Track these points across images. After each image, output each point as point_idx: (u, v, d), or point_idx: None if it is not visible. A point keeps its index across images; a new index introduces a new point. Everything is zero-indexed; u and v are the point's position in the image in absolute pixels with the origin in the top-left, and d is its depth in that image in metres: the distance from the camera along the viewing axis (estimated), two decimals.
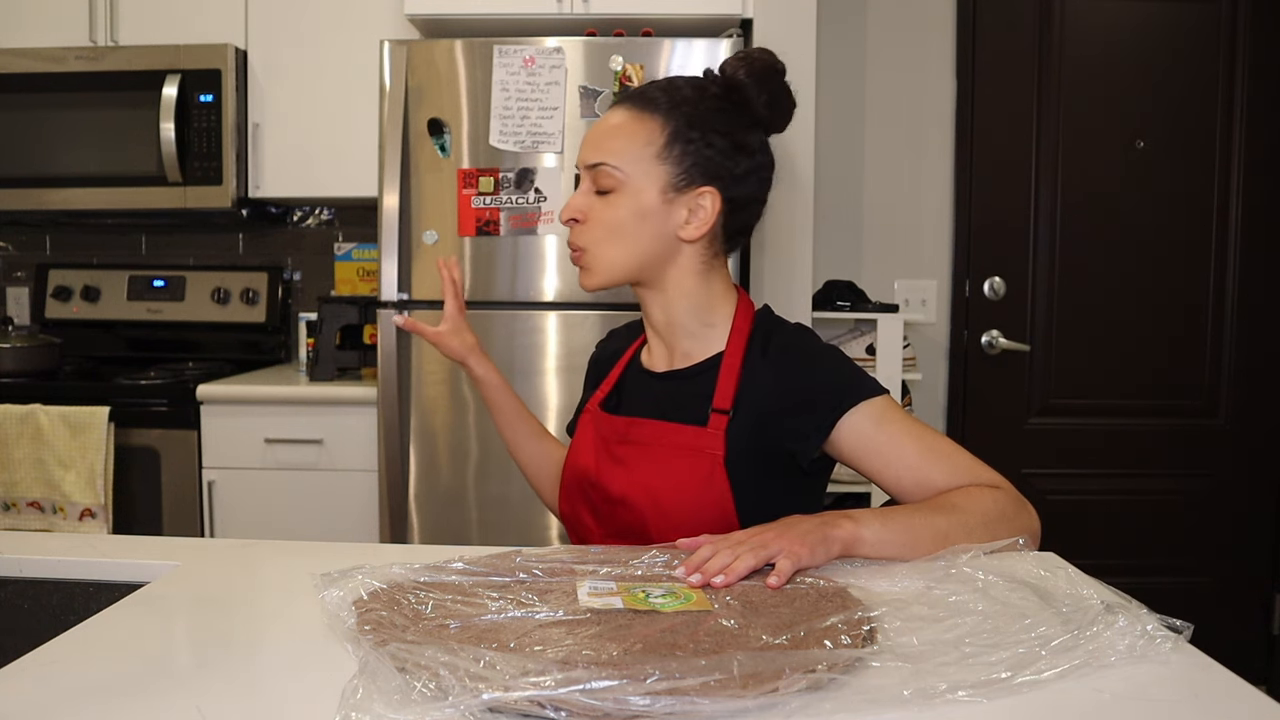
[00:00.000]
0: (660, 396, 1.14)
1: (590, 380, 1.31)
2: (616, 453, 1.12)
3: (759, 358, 1.10)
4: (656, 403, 1.14)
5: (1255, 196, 2.70)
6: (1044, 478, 2.76)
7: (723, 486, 1.06)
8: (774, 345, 1.11)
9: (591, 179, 1.10)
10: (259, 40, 2.55)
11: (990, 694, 0.66)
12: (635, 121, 1.09)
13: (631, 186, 1.08)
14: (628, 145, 1.08)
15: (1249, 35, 2.66)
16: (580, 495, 1.17)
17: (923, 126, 2.77)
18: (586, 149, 1.11)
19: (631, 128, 1.09)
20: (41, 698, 0.66)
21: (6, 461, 2.24)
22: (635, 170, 1.08)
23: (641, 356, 1.22)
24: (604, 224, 1.10)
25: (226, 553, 1.03)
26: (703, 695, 0.62)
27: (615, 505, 1.12)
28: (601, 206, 1.09)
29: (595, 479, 1.14)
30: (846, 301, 2.54)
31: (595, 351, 1.34)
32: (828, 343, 1.13)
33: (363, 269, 2.80)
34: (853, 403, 1.05)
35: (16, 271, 2.98)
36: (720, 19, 2.32)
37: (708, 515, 1.06)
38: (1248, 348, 2.73)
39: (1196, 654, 0.75)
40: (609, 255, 1.10)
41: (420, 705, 0.61)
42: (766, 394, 1.08)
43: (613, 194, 1.09)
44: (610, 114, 1.12)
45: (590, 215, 1.10)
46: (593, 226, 1.10)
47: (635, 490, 1.09)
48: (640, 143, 1.08)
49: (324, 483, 2.33)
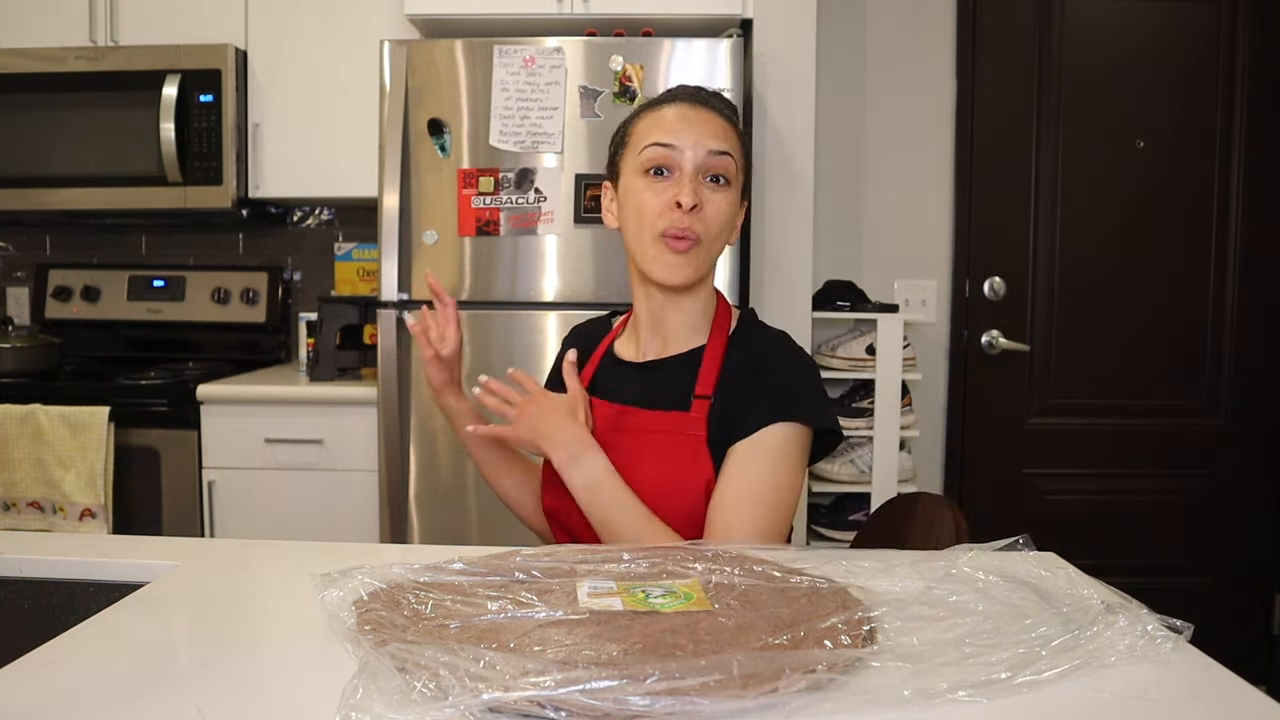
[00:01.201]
0: (642, 385, 1.18)
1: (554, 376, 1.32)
2: (605, 439, 1.14)
3: (737, 350, 1.17)
4: (638, 391, 1.18)
5: (1255, 196, 2.70)
6: (1044, 478, 2.77)
7: (706, 466, 1.11)
8: (754, 341, 1.18)
9: (705, 166, 1.11)
10: (259, 40, 2.55)
11: (990, 694, 0.66)
12: (729, 125, 1.15)
13: (735, 184, 1.14)
14: (737, 147, 1.14)
15: (1249, 35, 2.66)
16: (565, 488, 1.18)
17: (923, 126, 2.77)
18: (704, 136, 1.11)
19: (731, 131, 1.15)
20: (41, 698, 0.66)
21: (6, 461, 2.24)
22: (738, 173, 1.14)
23: (616, 349, 1.25)
24: (720, 215, 1.12)
25: (226, 553, 1.03)
26: (703, 695, 0.62)
27: None
28: (718, 197, 1.12)
29: None
30: (846, 301, 2.54)
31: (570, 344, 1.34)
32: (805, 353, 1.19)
33: (363, 269, 2.81)
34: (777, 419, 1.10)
35: (16, 271, 2.98)
36: (720, 19, 2.32)
37: (694, 493, 1.11)
38: (1248, 348, 2.73)
39: (1196, 654, 0.75)
40: (715, 249, 1.15)
41: (420, 705, 0.61)
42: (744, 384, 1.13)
43: (728, 187, 1.13)
44: (704, 111, 1.14)
45: (706, 204, 1.11)
46: (709, 216, 1.11)
47: (625, 474, 1.12)
48: (737, 147, 1.15)
49: (324, 483, 2.33)
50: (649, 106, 1.18)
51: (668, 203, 1.10)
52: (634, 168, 1.15)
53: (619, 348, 1.26)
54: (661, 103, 1.16)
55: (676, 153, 1.10)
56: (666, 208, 1.10)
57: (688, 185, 1.09)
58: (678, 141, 1.10)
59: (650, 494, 1.10)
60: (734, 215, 1.15)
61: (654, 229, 1.12)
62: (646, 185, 1.12)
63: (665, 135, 1.11)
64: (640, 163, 1.13)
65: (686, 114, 1.13)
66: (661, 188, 1.11)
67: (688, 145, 1.10)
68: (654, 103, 1.17)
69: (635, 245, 1.15)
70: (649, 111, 1.17)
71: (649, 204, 1.12)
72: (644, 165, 1.12)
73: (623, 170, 1.17)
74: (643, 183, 1.13)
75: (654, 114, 1.15)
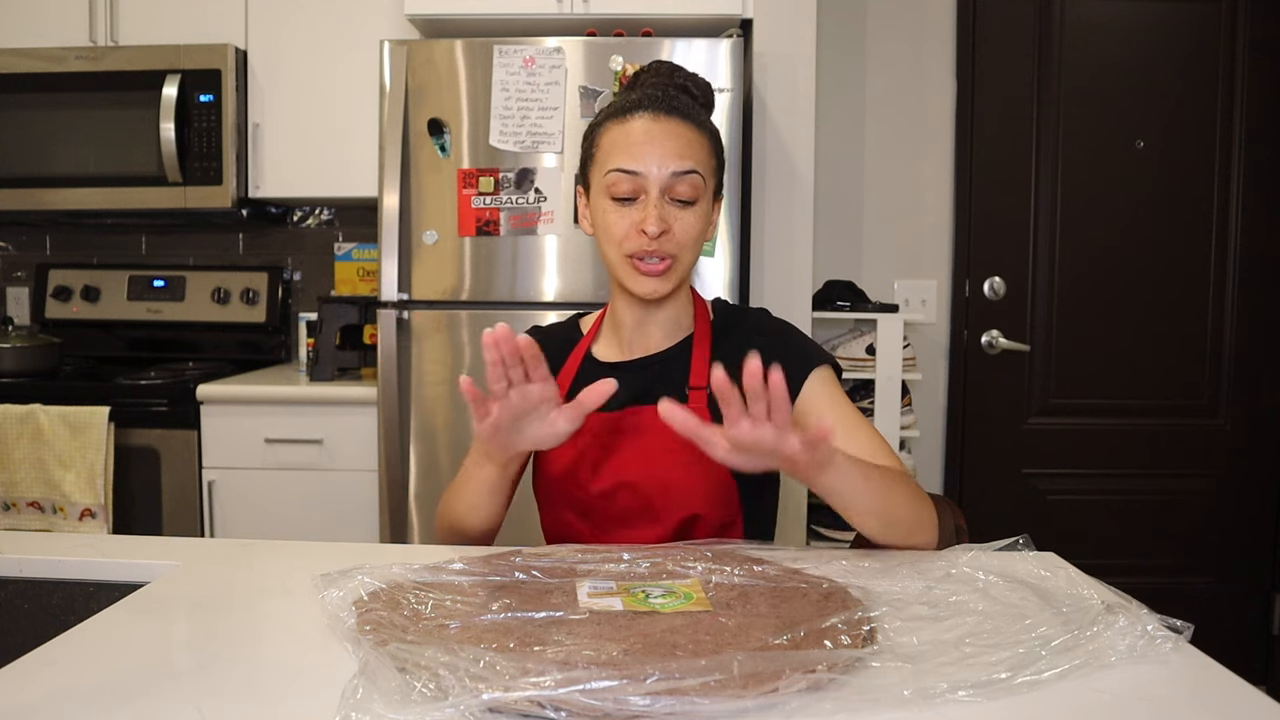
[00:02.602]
0: (634, 383, 1.15)
1: None
2: (606, 444, 1.13)
3: (725, 336, 1.18)
4: (632, 389, 1.15)
5: (1255, 196, 2.70)
6: (1044, 478, 2.77)
7: None
8: (737, 323, 1.21)
9: (669, 187, 1.10)
10: (259, 40, 2.55)
11: (990, 694, 0.66)
12: (696, 132, 1.13)
13: (705, 196, 1.13)
14: (704, 157, 1.13)
15: (1249, 35, 2.66)
16: (563, 500, 1.17)
17: (923, 126, 2.77)
18: (667, 157, 1.09)
19: (698, 139, 1.13)
20: (41, 698, 0.66)
21: (6, 461, 2.24)
22: (708, 181, 1.13)
23: (595, 351, 1.23)
24: (689, 230, 1.12)
25: (226, 553, 1.03)
26: (703, 695, 0.62)
27: (610, 496, 1.13)
28: (685, 214, 1.11)
29: (580, 478, 1.14)
30: (846, 301, 2.54)
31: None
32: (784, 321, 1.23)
33: (363, 269, 2.81)
34: (814, 365, 1.14)
35: (16, 271, 2.98)
36: (720, 19, 2.32)
37: (708, 483, 1.11)
38: (1248, 348, 2.73)
39: (1196, 654, 0.75)
40: (689, 260, 1.15)
41: (420, 705, 0.61)
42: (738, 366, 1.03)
43: (697, 203, 1.12)
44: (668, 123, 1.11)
45: (674, 224, 1.10)
46: (678, 234, 1.11)
47: (634, 474, 1.11)
48: (706, 153, 1.13)
49: (324, 483, 2.33)
50: (615, 115, 1.14)
51: (634, 226, 1.10)
52: (600, 187, 1.13)
53: (598, 350, 1.24)
54: (627, 112, 1.13)
55: (640, 179, 1.09)
56: (633, 231, 1.10)
57: (653, 212, 1.08)
58: (641, 168, 1.09)
59: (670, 487, 1.10)
60: (706, 223, 1.14)
61: (623, 250, 1.12)
62: (613, 209, 1.12)
63: (628, 160, 1.10)
64: (605, 185, 1.12)
65: (651, 129, 1.10)
66: (627, 212, 1.11)
67: (651, 168, 1.09)
68: (620, 110, 1.14)
69: (608, 260, 1.16)
70: (615, 123, 1.13)
71: (616, 227, 1.11)
72: (609, 190, 1.11)
73: (592, 183, 1.16)
74: (609, 205, 1.12)
75: (620, 126, 1.12)
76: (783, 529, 1.53)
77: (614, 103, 1.16)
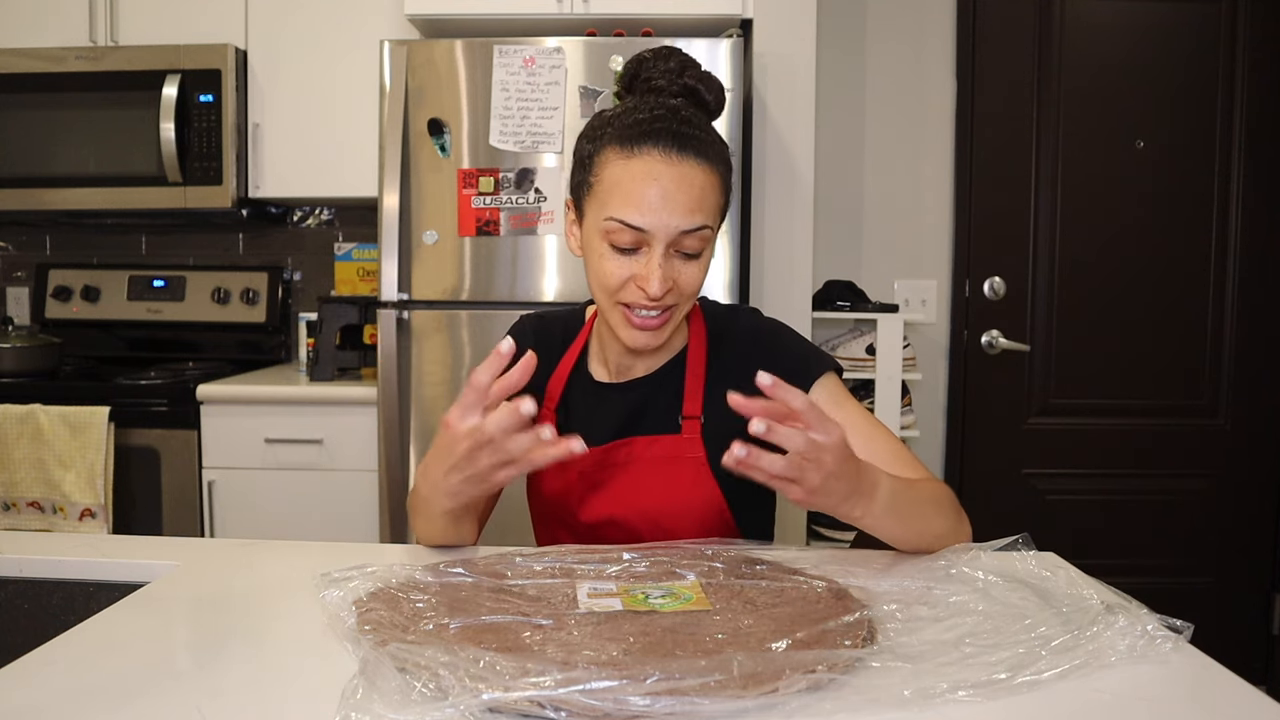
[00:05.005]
0: (624, 408, 1.11)
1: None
2: (595, 478, 1.09)
3: (719, 355, 1.12)
4: (621, 415, 1.11)
5: (1255, 196, 2.70)
6: (1044, 478, 2.77)
7: (710, 486, 1.07)
8: (729, 337, 1.13)
9: (676, 241, 0.99)
10: (259, 40, 2.55)
11: (990, 694, 0.66)
12: (709, 174, 1.00)
13: (710, 243, 1.03)
14: (715, 202, 1.02)
15: (1249, 35, 2.66)
16: (558, 522, 1.15)
17: (923, 126, 2.77)
18: (677, 213, 0.97)
19: (710, 182, 1.01)
20: (41, 698, 0.66)
21: (6, 461, 2.24)
22: (717, 226, 1.04)
23: (591, 368, 1.16)
24: (692, 281, 1.02)
25: (226, 553, 1.03)
26: (703, 695, 0.62)
27: (601, 528, 1.10)
28: (689, 266, 1.01)
29: (570, 507, 1.12)
30: (846, 301, 2.54)
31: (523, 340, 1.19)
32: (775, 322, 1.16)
33: (363, 269, 2.81)
34: (815, 375, 1.08)
35: (16, 271, 2.98)
36: (720, 19, 2.32)
37: (701, 516, 1.07)
38: (1248, 348, 2.73)
39: (1196, 654, 0.75)
40: (687, 309, 1.06)
41: (420, 705, 0.61)
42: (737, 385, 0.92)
43: (702, 254, 1.02)
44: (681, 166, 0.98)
45: (678, 277, 1.00)
46: (682, 285, 1.01)
47: (622, 509, 1.08)
48: (716, 196, 1.02)
49: (324, 483, 2.33)
50: (619, 141, 1.00)
51: (633, 280, 1.00)
52: (597, 228, 1.01)
53: (592, 367, 1.16)
54: (634, 143, 0.99)
55: (644, 234, 0.98)
56: (631, 284, 1.00)
57: (656, 272, 0.98)
58: (646, 224, 0.97)
59: (661, 521, 1.06)
60: (708, 266, 1.04)
61: (616, 298, 1.02)
62: (610, 255, 1.00)
63: (633, 213, 0.97)
64: (603, 229, 1.00)
65: (661, 177, 0.97)
66: (625, 261, 1.00)
67: (659, 226, 0.97)
68: (626, 138, 1.00)
69: (597, 300, 1.06)
70: (619, 154, 1.00)
71: (611, 277, 1.00)
72: (607, 236, 1.00)
73: (586, 213, 1.04)
74: (605, 249, 1.00)
75: (623, 163, 0.99)
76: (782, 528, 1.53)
77: (618, 115, 1.03)
